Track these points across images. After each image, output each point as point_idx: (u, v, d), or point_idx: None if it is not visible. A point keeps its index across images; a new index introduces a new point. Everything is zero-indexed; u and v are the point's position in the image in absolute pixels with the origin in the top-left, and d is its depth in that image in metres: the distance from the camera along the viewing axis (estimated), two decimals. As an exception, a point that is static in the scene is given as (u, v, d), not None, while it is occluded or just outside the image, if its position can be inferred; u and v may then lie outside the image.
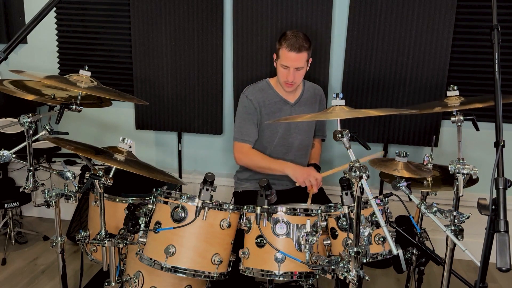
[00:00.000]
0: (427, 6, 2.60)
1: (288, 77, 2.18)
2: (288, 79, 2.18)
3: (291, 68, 2.16)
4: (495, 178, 1.17)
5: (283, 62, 2.16)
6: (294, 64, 2.15)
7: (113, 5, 2.97)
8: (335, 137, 1.45)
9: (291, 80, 2.18)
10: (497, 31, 1.35)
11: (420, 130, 2.79)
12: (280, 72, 2.21)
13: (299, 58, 2.15)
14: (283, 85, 2.24)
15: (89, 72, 1.90)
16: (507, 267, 1.06)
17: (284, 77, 2.19)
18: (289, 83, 2.20)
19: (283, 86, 2.25)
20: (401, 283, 2.68)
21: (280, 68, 2.20)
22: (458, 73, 2.73)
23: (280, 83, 2.27)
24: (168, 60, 2.93)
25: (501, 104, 1.27)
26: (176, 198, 1.67)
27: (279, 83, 2.29)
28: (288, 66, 2.16)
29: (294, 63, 2.15)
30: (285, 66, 2.17)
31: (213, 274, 1.65)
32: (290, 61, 2.15)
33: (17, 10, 3.14)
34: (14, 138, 2.81)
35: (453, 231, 1.59)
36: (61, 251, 1.93)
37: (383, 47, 2.70)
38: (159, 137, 3.23)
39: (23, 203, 2.99)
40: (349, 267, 1.42)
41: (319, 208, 1.71)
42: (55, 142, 1.76)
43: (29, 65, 3.21)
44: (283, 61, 2.16)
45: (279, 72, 2.22)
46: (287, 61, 2.15)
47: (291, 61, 2.15)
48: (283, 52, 2.16)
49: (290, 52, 2.13)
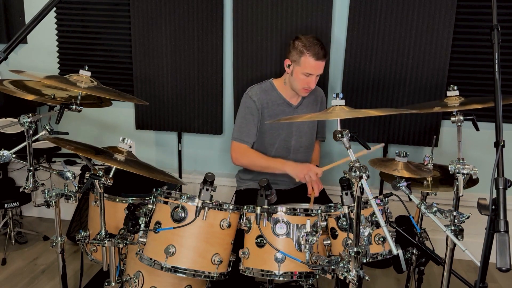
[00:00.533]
0: (427, 6, 2.60)
1: (311, 84, 2.17)
2: (311, 86, 2.18)
3: (314, 75, 2.16)
4: (495, 178, 1.17)
5: (307, 71, 2.14)
6: (318, 71, 2.17)
7: (113, 5, 2.97)
8: (335, 137, 1.45)
9: (313, 87, 2.20)
10: (497, 31, 1.35)
11: (420, 130, 2.79)
12: (300, 80, 2.18)
13: (323, 65, 2.17)
14: (300, 91, 2.23)
15: (89, 72, 1.90)
16: (507, 267, 1.06)
17: (305, 84, 2.18)
18: (308, 89, 2.21)
19: (300, 92, 2.25)
20: (401, 283, 2.68)
21: (300, 76, 2.17)
22: (458, 73, 2.73)
23: (296, 89, 2.24)
24: (168, 60, 2.93)
25: (501, 104, 1.27)
26: (176, 198, 1.67)
27: (292, 88, 2.27)
28: (313, 74, 2.15)
29: (318, 71, 2.16)
30: (308, 74, 2.15)
31: (213, 274, 1.65)
32: (315, 69, 2.14)
33: (17, 10, 3.14)
34: (14, 138, 2.81)
35: (453, 231, 1.59)
36: (61, 251, 1.93)
37: (383, 47, 2.70)
38: (159, 137, 3.23)
39: (23, 203, 2.99)
40: (349, 267, 1.42)
41: (319, 208, 1.71)
42: (55, 142, 1.76)
43: (29, 65, 3.21)
44: (307, 70, 2.14)
45: (299, 80, 2.18)
46: (312, 69, 2.14)
47: (316, 69, 2.15)
48: (307, 60, 2.12)
49: (317, 61, 2.12)
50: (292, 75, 2.20)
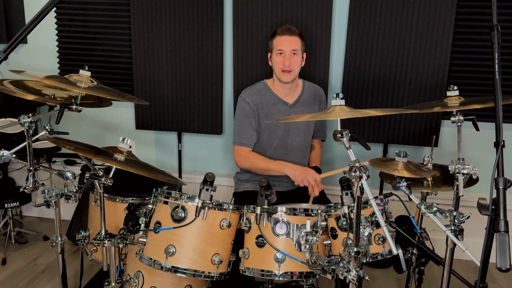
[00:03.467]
0: (427, 6, 2.60)
1: (285, 62, 2.18)
2: (285, 63, 2.18)
3: (287, 52, 2.17)
4: (495, 178, 1.17)
5: (278, 47, 2.19)
6: (289, 46, 2.18)
7: (113, 5, 2.97)
8: (335, 137, 1.45)
9: (288, 64, 2.17)
10: (497, 31, 1.35)
11: (420, 130, 2.79)
12: (276, 62, 2.21)
13: (293, 40, 2.19)
14: (280, 75, 2.23)
15: (89, 72, 1.89)
16: (507, 267, 1.06)
17: (281, 63, 2.19)
18: (286, 69, 2.19)
19: (280, 77, 2.23)
20: (401, 283, 2.68)
21: (275, 58, 2.21)
22: (458, 73, 2.73)
23: (277, 75, 2.25)
24: (168, 60, 2.93)
25: (501, 104, 1.27)
26: (176, 198, 1.67)
27: (276, 78, 2.28)
28: (283, 49, 2.18)
29: (288, 46, 2.18)
30: (280, 50, 2.19)
31: (213, 274, 1.65)
32: (284, 44, 2.18)
33: (17, 10, 3.14)
34: (14, 138, 2.81)
35: (453, 231, 1.59)
36: (61, 251, 1.93)
37: (383, 47, 2.70)
38: (159, 137, 3.23)
39: (23, 203, 2.99)
40: (349, 267, 1.42)
41: (319, 208, 1.71)
42: (55, 142, 1.76)
43: (29, 65, 3.21)
44: (278, 46, 2.19)
45: (275, 62, 2.22)
46: (282, 45, 2.18)
47: (286, 44, 2.18)
48: (276, 40, 2.21)
49: (283, 36, 2.18)
50: (272, 63, 2.25)
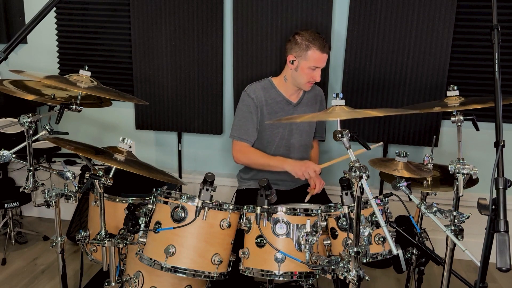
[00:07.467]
0: (427, 6, 2.60)
1: (316, 78, 2.20)
2: (317, 79, 2.20)
3: (320, 68, 2.19)
4: (495, 178, 1.17)
5: (314, 64, 2.16)
6: (323, 64, 2.20)
7: (113, 5, 2.97)
8: (335, 137, 1.45)
9: (319, 80, 2.21)
10: (497, 31, 1.36)
11: (420, 130, 2.79)
12: (306, 74, 2.19)
13: (326, 58, 2.21)
14: (305, 86, 2.24)
15: (89, 72, 1.90)
16: (507, 267, 1.06)
17: (311, 78, 2.20)
18: (313, 82, 2.23)
19: (305, 87, 2.26)
20: (401, 283, 2.68)
21: (306, 70, 2.18)
22: (458, 73, 2.73)
23: (299, 83, 2.25)
24: (168, 60, 2.93)
25: (501, 104, 1.27)
26: (176, 198, 1.67)
27: (294, 84, 2.27)
28: (319, 67, 2.18)
29: (323, 64, 2.20)
30: (314, 67, 2.17)
31: (213, 274, 1.65)
32: (321, 62, 2.18)
33: (17, 10, 3.14)
34: (14, 138, 2.81)
35: (453, 231, 1.59)
36: (61, 251, 1.93)
37: (383, 47, 2.70)
38: (159, 137, 3.23)
39: (23, 203, 2.99)
40: (349, 267, 1.42)
41: (319, 208, 1.71)
42: (55, 142, 1.76)
43: (29, 65, 3.21)
44: (314, 63, 2.16)
45: (304, 74, 2.19)
46: (319, 62, 2.17)
47: (322, 62, 2.19)
48: (313, 54, 2.15)
49: (322, 54, 2.16)
50: (297, 70, 2.21)
